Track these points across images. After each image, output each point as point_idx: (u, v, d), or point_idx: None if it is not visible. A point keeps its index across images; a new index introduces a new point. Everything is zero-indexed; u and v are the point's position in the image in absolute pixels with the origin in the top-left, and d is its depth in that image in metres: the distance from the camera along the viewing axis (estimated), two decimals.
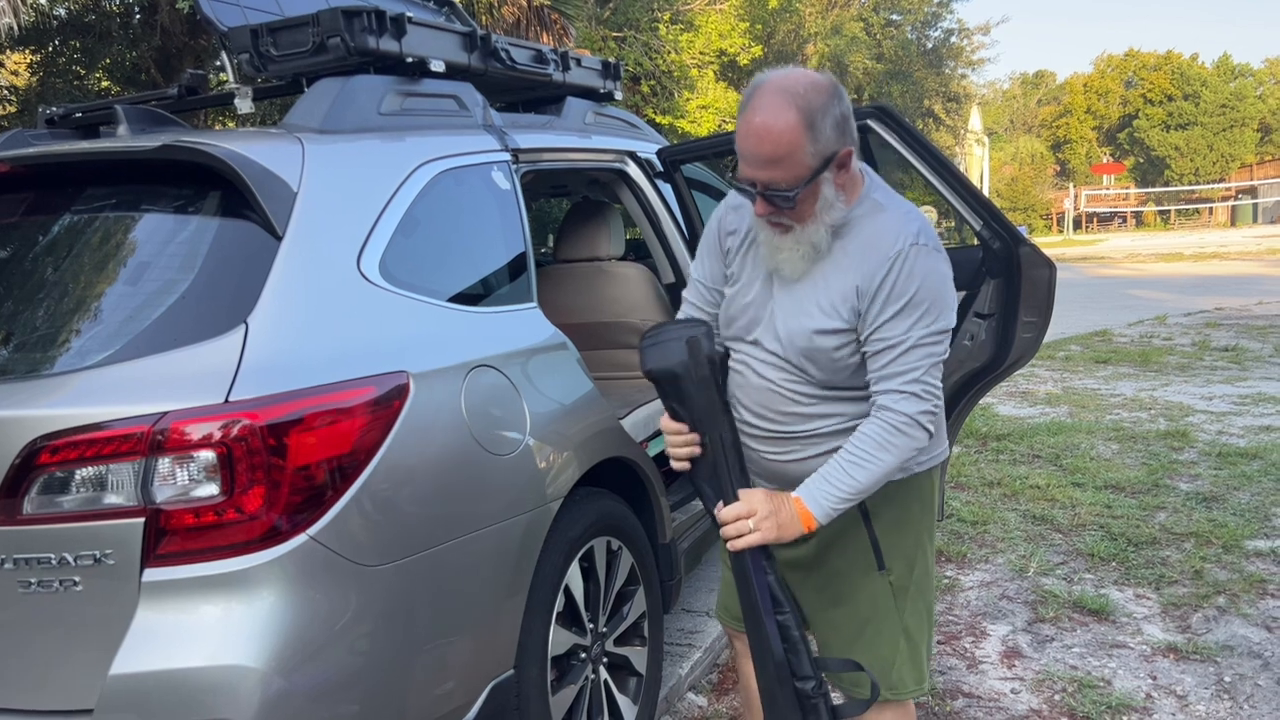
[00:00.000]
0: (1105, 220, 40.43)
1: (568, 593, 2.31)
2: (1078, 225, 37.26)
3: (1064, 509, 4.52)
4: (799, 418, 1.82)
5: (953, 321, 1.74)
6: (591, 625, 2.44)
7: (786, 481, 1.81)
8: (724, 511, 1.74)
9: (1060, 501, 4.62)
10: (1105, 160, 48.06)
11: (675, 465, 1.83)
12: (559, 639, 2.28)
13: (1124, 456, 5.39)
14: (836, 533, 1.87)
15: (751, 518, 1.71)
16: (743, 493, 1.74)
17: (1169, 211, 40.90)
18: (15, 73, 12.21)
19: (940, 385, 1.73)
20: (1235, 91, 45.60)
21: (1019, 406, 6.92)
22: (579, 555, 2.36)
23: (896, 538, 1.89)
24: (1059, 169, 47.39)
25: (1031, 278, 2.60)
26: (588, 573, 2.43)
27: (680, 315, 2.01)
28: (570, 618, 2.36)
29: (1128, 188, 44.49)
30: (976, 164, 29.69)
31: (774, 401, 1.83)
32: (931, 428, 1.72)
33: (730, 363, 1.90)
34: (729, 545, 1.73)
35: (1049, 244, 28.22)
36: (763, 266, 1.82)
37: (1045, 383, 7.83)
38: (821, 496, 1.70)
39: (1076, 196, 38.22)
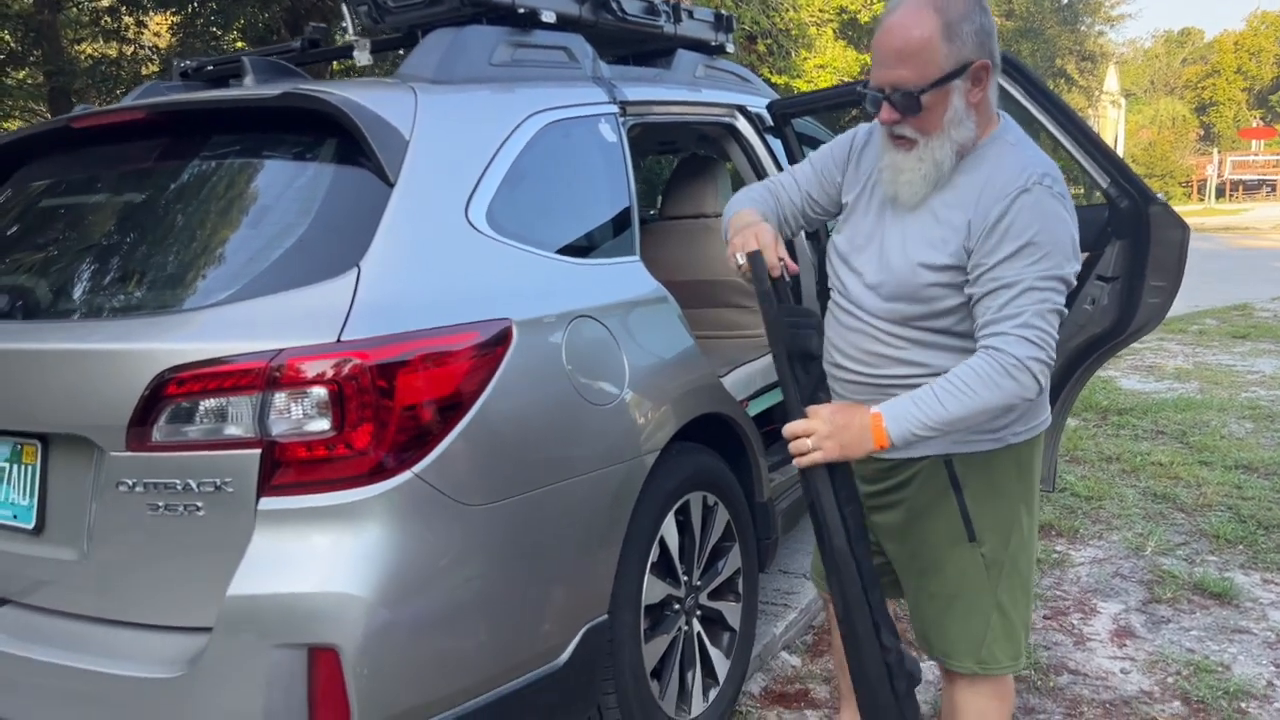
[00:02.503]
0: (1252, 188, 37.82)
1: (663, 544, 2.33)
2: (1221, 193, 34.98)
3: (1188, 488, 4.30)
4: (889, 360, 1.78)
5: (1074, 275, 1.65)
6: (686, 577, 2.46)
7: None
8: (786, 427, 1.69)
9: (1185, 480, 4.40)
10: (1255, 124, 44.87)
11: None
12: (653, 588, 2.30)
13: (1258, 436, 5.09)
14: (927, 501, 1.84)
15: (811, 435, 1.66)
16: (810, 409, 1.68)
17: None
18: (158, 34, 12.81)
19: (1055, 335, 1.63)
20: None
21: (1144, 380, 6.59)
22: (675, 508, 2.37)
23: (990, 509, 1.83)
24: (1203, 133, 44.52)
25: (1162, 239, 2.46)
26: (683, 526, 2.44)
27: (762, 184, 2.03)
28: (665, 569, 2.38)
29: (1279, 154, 41.48)
30: (1111, 127, 28.18)
31: (865, 342, 1.80)
32: (1042, 379, 1.61)
33: (830, 296, 1.90)
34: (794, 462, 1.70)
35: (1188, 213, 26.61)
36: (876, 199, 1.81)
37: (1175, 357, 7.43)
38: (904, 416, 1.62)
39: (1221, 162, 35.85)
